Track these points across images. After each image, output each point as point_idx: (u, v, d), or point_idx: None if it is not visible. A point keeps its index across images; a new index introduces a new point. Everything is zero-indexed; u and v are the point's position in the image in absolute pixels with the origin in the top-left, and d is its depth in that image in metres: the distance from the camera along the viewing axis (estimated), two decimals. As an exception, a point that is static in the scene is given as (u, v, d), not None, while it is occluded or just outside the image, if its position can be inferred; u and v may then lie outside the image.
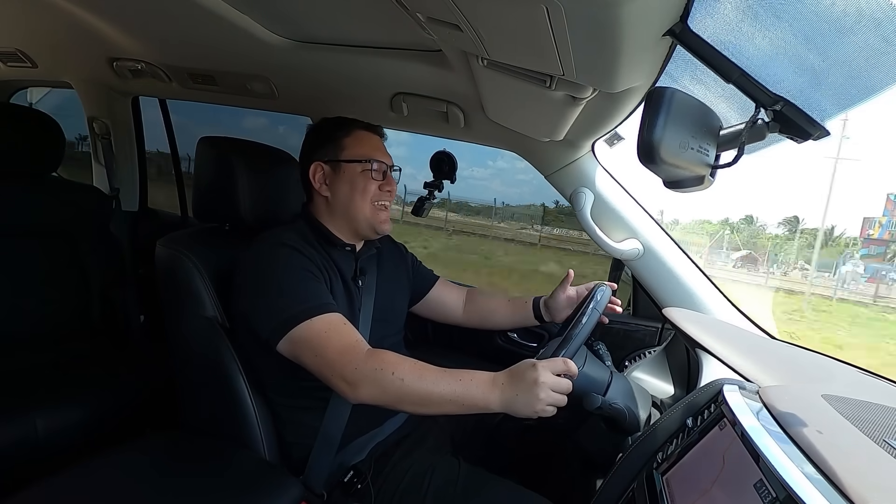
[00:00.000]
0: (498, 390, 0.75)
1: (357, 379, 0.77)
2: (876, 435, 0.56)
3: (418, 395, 0.76)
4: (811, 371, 0.88)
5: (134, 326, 1.60)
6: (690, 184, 0.59)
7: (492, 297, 1.21)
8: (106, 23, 1.17)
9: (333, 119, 1.01)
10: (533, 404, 0.73)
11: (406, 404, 0.77)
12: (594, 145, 1.20)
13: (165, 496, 0.78)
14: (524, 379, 0.74)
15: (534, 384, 0.73)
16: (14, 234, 1.35)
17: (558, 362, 0.75)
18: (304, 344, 0.81)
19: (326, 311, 0.83)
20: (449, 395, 0.75)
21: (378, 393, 0.77)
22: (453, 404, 0.76)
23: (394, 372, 0.76)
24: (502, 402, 0.75)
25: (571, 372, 0.76)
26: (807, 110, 0.54)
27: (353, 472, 0.89)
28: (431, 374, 0.77)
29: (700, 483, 0.57)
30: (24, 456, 1.06)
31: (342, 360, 0.78)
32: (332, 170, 0.96)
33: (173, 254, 0.96)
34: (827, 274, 18.82)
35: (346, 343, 0.80)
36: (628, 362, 1.25)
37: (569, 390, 0.75)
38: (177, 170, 2.07)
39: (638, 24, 0.51)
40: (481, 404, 0.75)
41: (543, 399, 0.73)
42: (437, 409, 0.77)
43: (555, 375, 0.74)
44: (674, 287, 1.17)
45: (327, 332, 0.81)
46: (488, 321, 1.20)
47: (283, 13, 0.96)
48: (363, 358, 0.78)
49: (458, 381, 0.76)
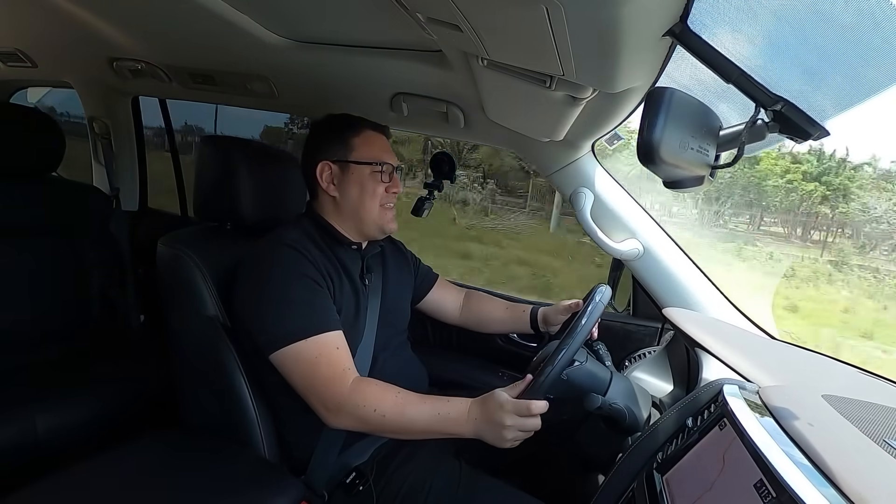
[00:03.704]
0: (471, 424, 0.80)
1: (338, 409, 0.82)
2: (876, 435, 0.56)
3: (397, 429, 0.82)
4: (811, 371, 0.88)
5: (134, 326, 1.60)
6: (690, 184, 0.59)
7: (490, 301, 1.22)
8: (106, 23, 1.17)
9: (341, 117, 1.00)
10: (500, 442, 0.78)
11: (385, 434, 0.86)
12: (594, 145, 1.20)
13: (166, 496, 0.78)
14: (492, 420, 0.78)
15: (500, 426, 0.77)
16: (14, 234, 1.35)
17: (522, 406, 0.77)
18: (293, 365, 0.83)
19: (323, 330, 0.84)
20: (426, 427, 0.82)
21: (357, 424, 0.82)
22: (430, 434, 0.83)
23: (375, 409, 0.80)
24: (475, 432, 0.80)
25: (536, 413, 0.77)
26: (807, 110, 0.54)
27: (356, 474, 0.89)
28: (412, 408, 0.82)
29: (700, 483, 0.57)
30: (24, 456, 1.06)
31: (327, 390, 0.82)
32: (340, 170, 0.95)
33: (175, 253, 0.95)
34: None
35: (333, 372, 0.83)
36: (628, 362, 1.25)
37: (536, 428, 0.78)
38: (177, 170, 2.07)
39: (638, 24, 0.51)
40: (456, 434, 0.81)
41: (510, 439, 0.78)
42: (414, 437, 0.85)
43: (520, 417, 0.77)
44: (674, 287, 1.17)
45: (318, 357, 0.82)
46: (484, 324, 1.20)
47: (283, 13, 0.96)
48: (348, 391, 0.81)
49: (437, 415, 0.81)
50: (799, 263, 5.85)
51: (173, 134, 2.07)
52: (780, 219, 6.67)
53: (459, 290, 1.24)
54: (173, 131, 2.06)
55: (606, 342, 1.07)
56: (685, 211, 6.83)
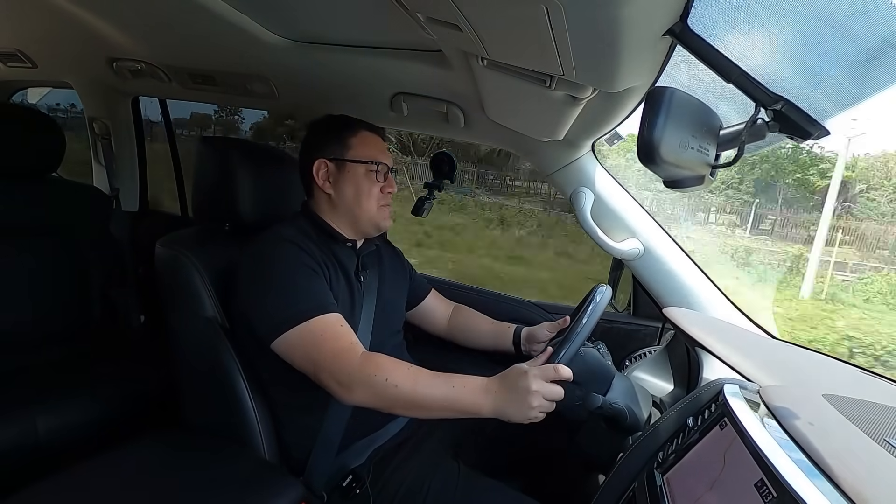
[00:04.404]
0: (490, 396, 0.76)
1: (351, 382, 0.78)
2: (877, 434, 0.56)
3: (411, 401, 0.77)
4: (812, 370, 0.88)
5: (134, 326, 1.60)
6: (691, 183, 0.59)
7: (476, 316, 1.22)
8: (106, 23, 1.17)
9: (339, 117, 1.01)
10: (525, 412, 0.74)
11: (399, 409, 0.79)
12: (594, 145, 1.20)
13: (166, 496, 0.78)
14: (516, 387, 0.74)
15: (526, 392, 0.73)
16: (14, 235, 1.35)
17: (549, 369, 0.75)
18: (299, 345, 0.81)
19: (324, 311, 0.83)
20: (441, 400, 0.77)
21: (371, 397, 0.78)
22: (445, 410, 0.77)
23: (387, 378, 0.77)
24: (494, 408, 0.75)
25: (564, 377, 0.75)
26: (807, 110, 0.54)
27: (352, 477, 0.89)
28: (425, 379, 0.78)
29: (701, 482, 0.57)
30: (24, 456, 1.06)
31: (337, 364, 0.79)
32: (336, 168, 0.96)
33: (173, 254, 0.95)
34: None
35: (341, 346, 0.81)
36: (628, 362, 1.25)
37: (560, 397, 0.75)
38: (177, 170, 2.07)
39: (638, 24, 0.51)
40: (472, 410, 0.76)
41: (536, 407, 0.73)
42: (429, 413, 0.79)
43: (546, 382, 0.74)
44: (674, 287, 1.17)
45: (322, 334, 0.81)
46: (468, 338, 1.20)
47: (283, 13, 0.96)
48: (358, 362, 0.79)
49: (451, 388, 0.77)
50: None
51: (173, 134, 2.07)
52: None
53: (449, 302, 1.25)
54: (173, 132, 2.06)
55: (606, 342, 1.07)
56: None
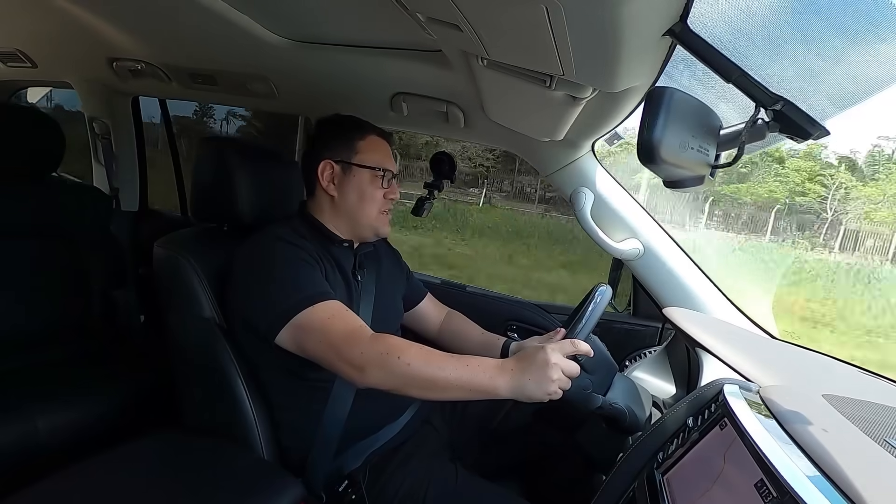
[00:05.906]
0: (507, 375, 0.73)
1: (364, 363, 0.76)
2: (877, 434, 0.56)
3: (425, 380, 0.75)
4: (812, 370, 0.88)
5: (134, 326, 1.60)
6: (691, 183, 0.59)
7: (468, 324, 1.20)
8: (106, 23, 1.17)
9: (348, 117, 1.00)
10: (545, 386, 0.71)
11: (413, 388, 0.76)
12: (594, 145, 1.20)
13: (166, 496, 0.78)
14: (535, 361, 0.72)
15: (545, 365, 0.71)
16: (14, 234, 1.35)
17: (566, 344, 0.75)
18: (306, 332, 0.80)
19: (326, 298, 0.82)
20: (455, 379, 0.74)
21: (385, 377, 0.76)
22: (460, 389, 0.74)
23: (400, 356, 0.75)
24: (512, 387, 0.73)
25: (582, 351, 0.74)
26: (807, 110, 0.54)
27: (348, 482, 0.88)
28: (438, 359, 0.76)
29: (701, 483, 0.57)
30: (24, 456, 1.06)
31: (347, 345, 0.77)
32: (342, 171, 0.95)
33: (171, 255, 0.95)
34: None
35: (349, 328, 0.80)
36: (629, 362, 1.25)
37: (577, 373, 0.74)
38: (177, 170, 2.07)
39: (638, 24, 0.51)
40: (489, 389, 0.73)
41: (556, 380, 0.71)
42: (444, 394, 0.76)
43: (564, 358, 0.73)
44: (674, 287, 1.17)
45: (330, 318, 0.80)
46: (457, 345, 1.19)
47: (283, 13, 0.96)
48: (368, 342, 0.78)
49: (466, 367, 0.75)
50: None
51: (174, 135, 2.07)
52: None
53: (442, 307, 1.24)
54: (173, 132, 2.06)
55: (606, 342, 1.06)
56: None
